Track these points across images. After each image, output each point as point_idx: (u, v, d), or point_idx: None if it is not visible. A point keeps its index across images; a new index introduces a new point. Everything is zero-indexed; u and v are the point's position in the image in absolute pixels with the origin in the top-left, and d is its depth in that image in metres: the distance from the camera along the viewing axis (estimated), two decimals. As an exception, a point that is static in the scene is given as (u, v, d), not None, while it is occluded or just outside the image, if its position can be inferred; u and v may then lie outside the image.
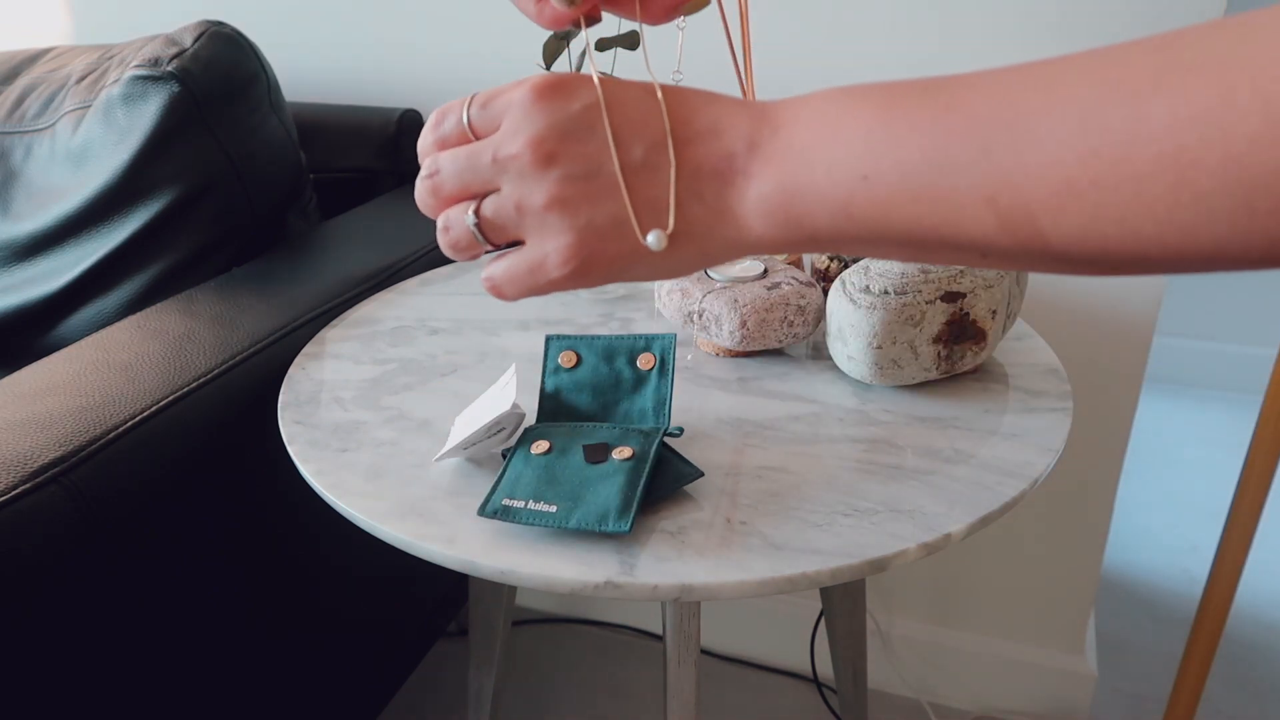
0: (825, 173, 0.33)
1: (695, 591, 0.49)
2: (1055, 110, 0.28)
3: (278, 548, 0.77)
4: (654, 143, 0.35)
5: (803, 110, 0.34)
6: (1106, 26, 0.88)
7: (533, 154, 0.35)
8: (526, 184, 0.36)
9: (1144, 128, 0.26)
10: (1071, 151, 0.27)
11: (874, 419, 0.64)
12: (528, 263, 0.37)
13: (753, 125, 0.34)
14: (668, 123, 0.35)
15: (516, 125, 0.36)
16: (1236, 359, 2.01)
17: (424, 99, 1.16)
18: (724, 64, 1.02)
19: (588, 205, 0.36)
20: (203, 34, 0.90)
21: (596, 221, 0.36)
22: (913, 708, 1.22)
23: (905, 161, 0.31)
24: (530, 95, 0.36)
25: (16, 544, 0.54)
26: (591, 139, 0.35)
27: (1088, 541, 1.10)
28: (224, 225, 0.92)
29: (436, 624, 1.04)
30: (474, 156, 0.37)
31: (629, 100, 0.36)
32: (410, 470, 0.59)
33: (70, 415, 0.62)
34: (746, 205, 0.34)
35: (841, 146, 0.32)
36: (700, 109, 0.36)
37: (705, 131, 0.35)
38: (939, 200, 0.31)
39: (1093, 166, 0.27)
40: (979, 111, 0.30)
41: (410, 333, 0.78)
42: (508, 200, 0.37)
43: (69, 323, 0.93)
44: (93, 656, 0.60)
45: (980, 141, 0.29)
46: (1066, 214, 0.28)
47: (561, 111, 0.35)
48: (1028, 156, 0.28)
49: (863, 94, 0.33)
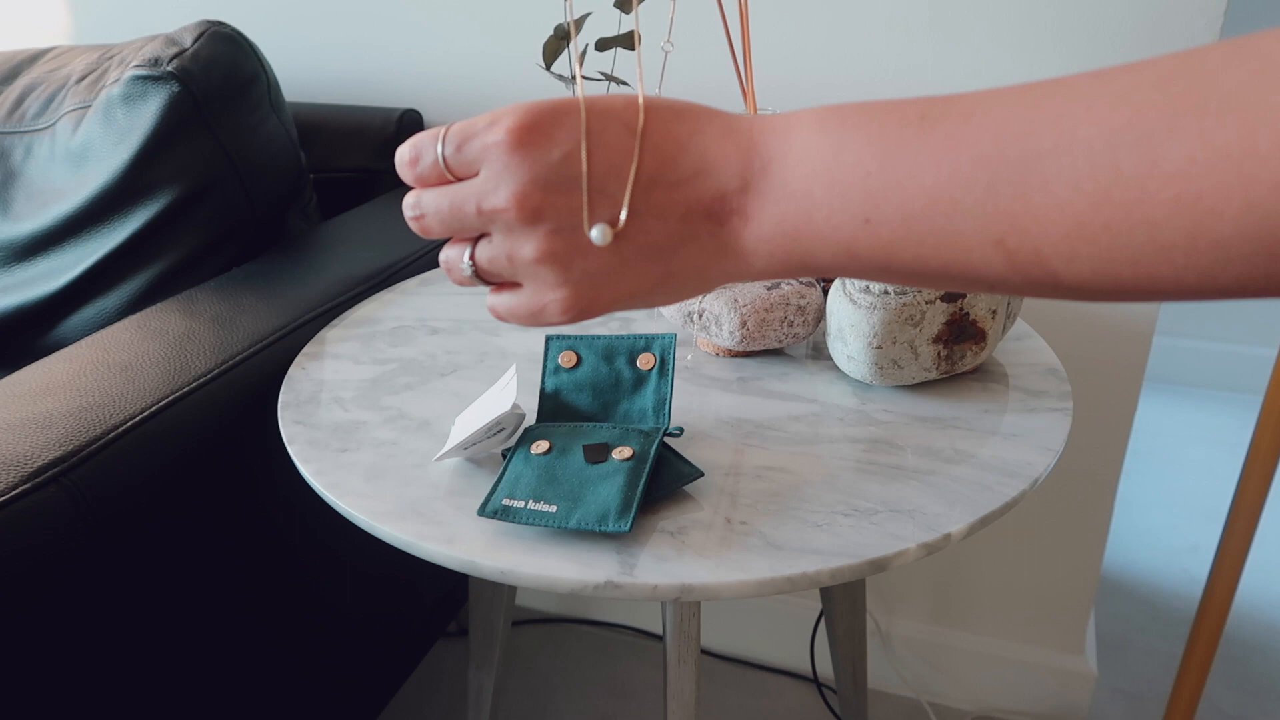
0: (825, 218, 0.32)
1: (695, 591, 0.49)
2: (1064, 151, 0.27)
3: (278, 548, 0.77)
4: (641, 188, 0.34)
5: (794, 143, 0.33)
6: (1105, 27, 0.88)
7: (518, 210, 0.35)
8: (515, 238, 0.36)
9: (1158, 171, 0.25)
10: (1082, 195, 0.26)
11: (874, 419, 0.64)
12: (528, 308, 0.37)
13: (741, 160, 0.33)
14: (652, 164, 0.34)
15: (497, 178, 0.35)
16: (1236, 359, 2.01)
17: (424, 99, 1.16)
18: (724, 64, 1.02)
19: (580, 257, 0.35)
20: (203, 34, 0.90)
21: (590, 271, 0.35)
22: (913, 708, 1.22)
23: (908, 204, 0.30)
24: (508, 144, 0.34)
25: (16, 544, 0.54)
26: (576, 189, 0.34)
27: (1088, 541, 1.10)
28: (224, 225, 0.92)
29: (436, 624, 1.04)
30: (457, 206, 0.36)
31: (610, 141, 0.34)
32: (410, 470, 0.59)
33: (70, 415, 0.62)
34: (745, 243, 0.34)
35: (839, 191, 0.31)
36: (686, 144, 0.34)
37: (693, 172, 0.34)
38: (945, 242, 0.30)
39: (1105, 210, 0.26)
40: (983, 150, 0.28)
41: (410, 333, 0.78)
42: (499, 252, 0.36)
43: (69, 323, 0.92)
44: (93, 656, 0.60)
45: (986, 183, 0.28)
46: (1079, 256, 0.27)
47: (541, 162, 0.34)
48: (1036, 199, 0.27)
49: (855, 125, 0.31)
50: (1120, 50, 0.88)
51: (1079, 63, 0.90)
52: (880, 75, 0.97)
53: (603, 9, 1.03)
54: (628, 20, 1.01)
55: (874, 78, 0.97)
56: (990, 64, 0.93)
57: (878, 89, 0.97)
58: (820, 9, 0.97)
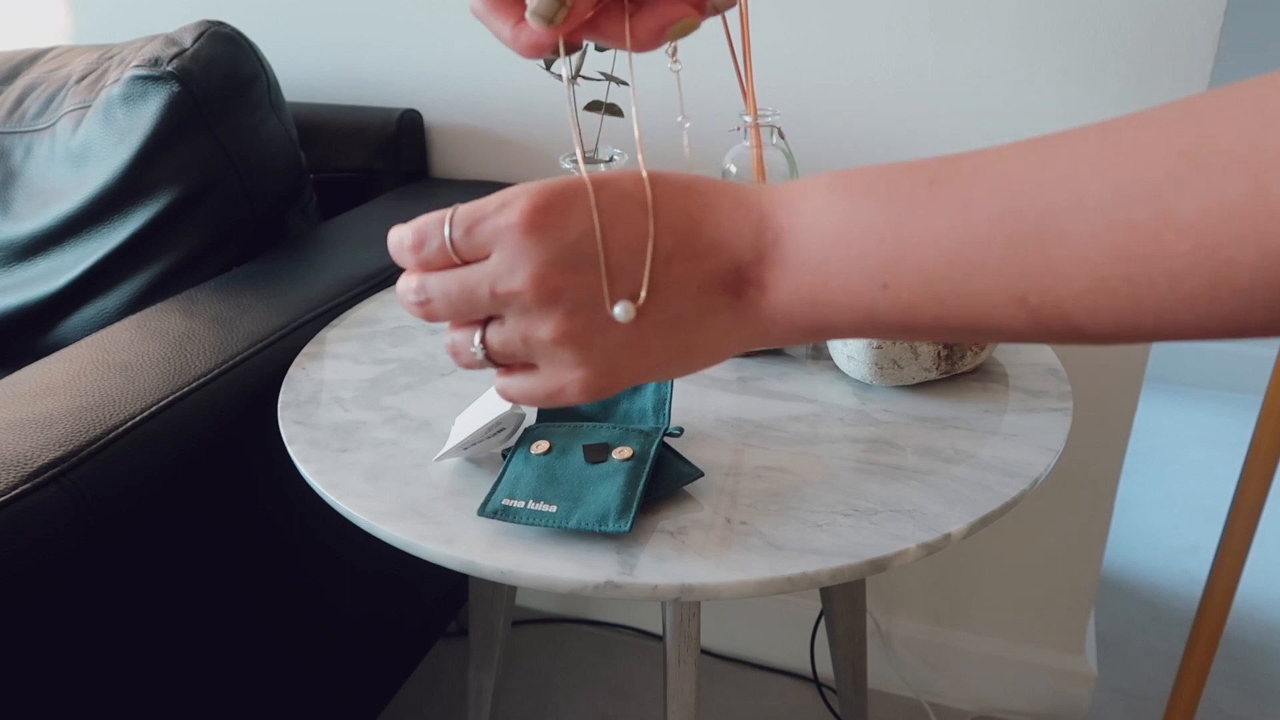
0: (842, 285, 0.32)
1: (695, 591, 0.49)
2: (1077, 207, 0.27)
3: (278, 548, 0.77)
4: (658, 263, 0.34)
5: (805, 212, 0.33)
6: (1105, 27, 0.88)
7: (536, 291, 0.34)
8: (531, 320, 0.35)
9: (1173, 224, 0.25)
10: (1100, 250, 0.27)
11: (874, 419, 0.64)
12: (545, 389, 0.36)
13: (754, 232, 0.33)
14: (669, 239, 0.34)
15: (512, 261, 0.34)
16: (1236, 359, 2.01)
17: (424, 99, 1.16)
18: (724, 64, 1.02)
19: (598, 335, 0.35)
20: (203, 34, 0.90)
21: (609, 349, 0.35)
22: (913, 708, 1.22)
23: (926, 267, 0.30)
24: (522, 226, 0.34)
25: (16, 544, 0.54)
26: (593, 268, 0.34)
27: (1088, 541, 1.10)
28: (224, 225, 0.92)
29: (436, 624, 1.04)
30: (468, 290, 0.35)
31: (625, 219, 0.34)
32: (410, 470, 0.59)
33: (70, 415, 0.62)
34: (764, 313, 0.34)
35: (855, 258, 0.31)
36: (699, 218, 0.34)
37: (708, 246, 0.34)
38: (966, 301, 0.30)
39: (1124, 264, 0.26)
40: (998, 208, 0.28)
41: (410, 333, 0.78)
42: (513, 334, 0.36)
43: (69, 323, 0.92)
44: (93, 656, 0.60)
45: (1004, 241, 0.28)
46: (1101, 309, 0.27)
47: (557, 244, 0.34)
48: (1055, 255, 0.27)
49: (865, 191, 0.32)
50: (1120, 50, 0.88)
51: (1079, 63, 0.90)
52: (880, 75, 0.97)
53: (603, 9, 1.03)
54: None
55: (874, 78, 0.97)
56: (990, 64, 0.93)
57: (878, 89, 0.97)
58: (820, 9, 0.97)
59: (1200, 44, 0.86)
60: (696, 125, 1.05)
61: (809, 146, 1.02)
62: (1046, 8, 0.89)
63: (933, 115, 0.97)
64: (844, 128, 1.00)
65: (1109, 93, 0.90)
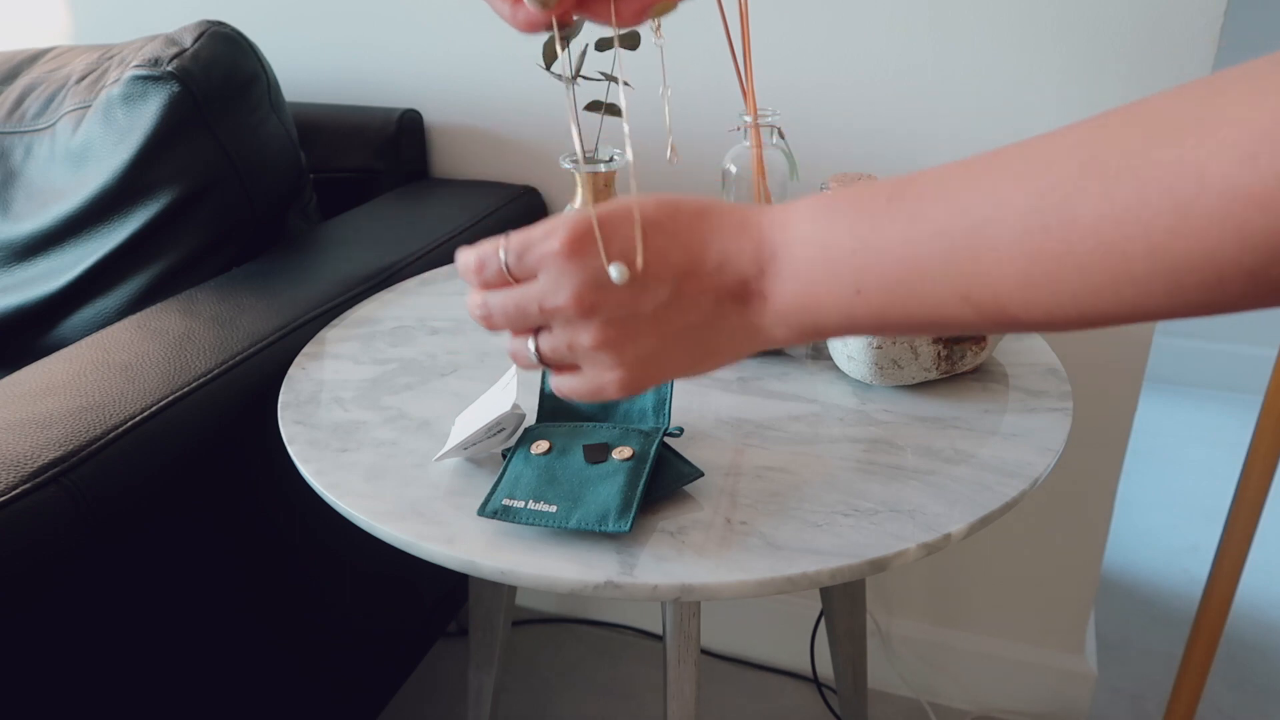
0: (825, 292, 0.38)
1: (695, 591, 0.49)
2: (1001, 218, 0.32)
3: (277, 548, 0.77)
4: (675, 279, 0.40)
5: (794, 233, 0.39)
6: (1105, 27, 0.88)
7: (576, 307, 0.41)
8: (574, 330, 0.42)
9: (1077, 227, 0.30)
10: (1022, 251, 0.32)
11: (874, 419, 0.64)
12: (589, 387, 0.44)
13: (755, 249, 0.39)
14: (685, 260, 0.41)
15: (556, 281, 0.41)
16: (1236, 359, 2.01)
17: (424, 99, 1.16)
18: (724, 64, 1.02)
19: (630, 342, 0.42)
20: (203, 34, 0.90)
21: (642, 353, 0.42)
22: (913, 708, 1.22)
23: (886, 275, 0.36)
24: (563, 252, 0.41)
25: (16, 544, 0.54)
26: (623, 286, 0.41)
27: (1088, 541, 1.10)
28: (224, 225, 0.92)
29: (436, 624, 1.04)
30: (522, 306, 0.43)
31: (649, 244, 0.41)
32: (410, 470, 0.59)
33: (70, 415, 0.62)
34: (767, 318, 0.40)
35: (831, 269, 0.37)
36: (709, 239, 0.40)
37: (718, 264, 0.40)
38: (922, 301, 0.35)
39: (1042, 262, 0.31)
40: (939, 224, 0.34)
41: (410, 333, 0.78)
42: (560, 341, 0.43)
43: (69, 323, 0.93)
44: (93, 656, 0.60)
45: (945, 250, 0.34)
46: (1031, 301, 0.32)
47: (592, 266, 0.41)
48: (987, 258, 0.33)
49: (839, 211, 0.37)
50: (1120, 50, 0.88)
51: (1079, 63, 0.90)
52: (880, 75, 0.97)
53: (603, 9, 1.03)
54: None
55: (874, 78, 0.97)
56: (990, 64, 0.93)
57: (878, 89, 0.97)
58: (820, 9, 0.97)
59: (1200, 44, 0.86)
60: (696, 125, 1.05)
61: (809, 146, 1.02)
62: (1046, 8, 0.89)
63: (933, 115, 0.97)
64: (844, 128, 1.00)
65: (1109, 93, 0.90)
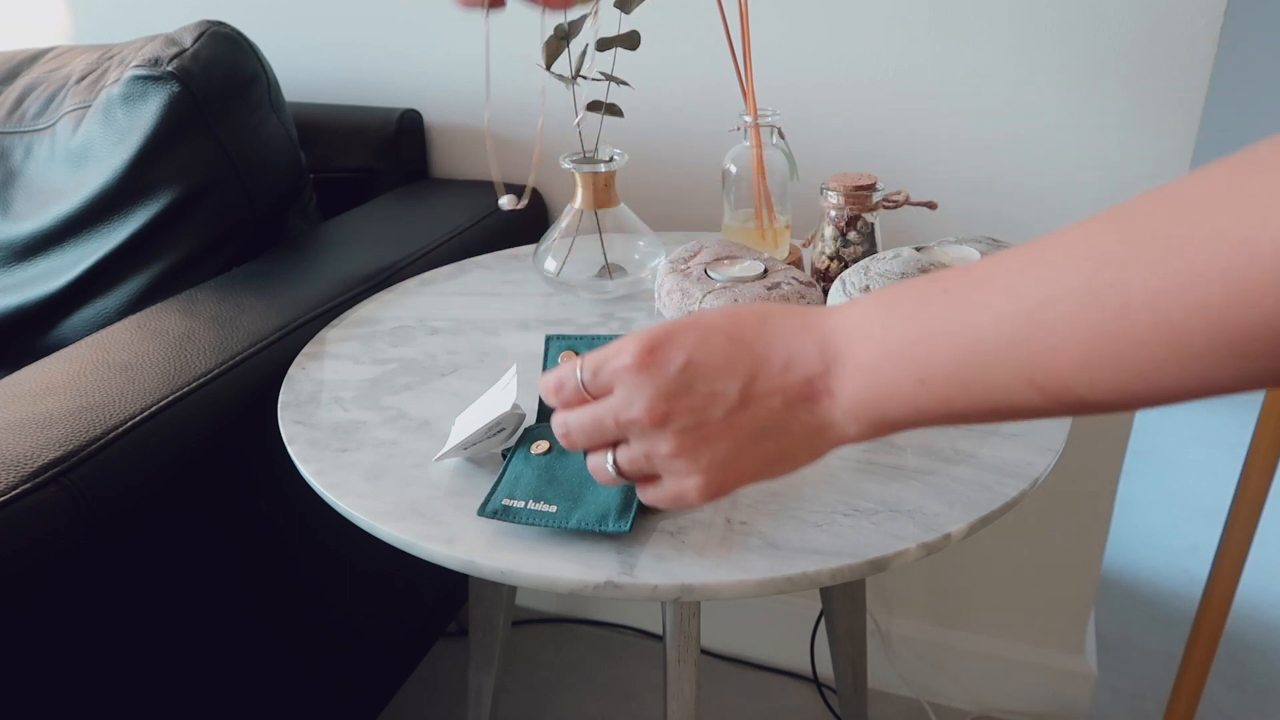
0: (890, 385, 0.38)
1: (695, 591, 0.49)
2: (1059, 299, 0.32)
3: (277, 548, 0.77)
4: (743, 383, 0.41)
5: (855, 331, 0.39)
6: (1105, 27, 0.88)
7: (649, 417, 0.42)
8: (650, 440, 0.43)
9: (1134, 303, 0.30)
10: (1079, 330, 0.32)
11: (874, 419, 0.63)
12: (670, 496, 0.44)
13: (818, 348, 0.40)
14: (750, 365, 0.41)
15: (629, 395, 0.43)
16: (1236, 359, 2.01)
17: (424, 99, 1.16)
18: (724, 64, 1.02)
19: (705, 447, 0.42)
20: (203, 34, 0.90)
21: (717, 458, 0.42)
22: (913, 708, 1.22)
23: (949, 364, 0.36)
24: (634, 366, 0.42)
25: (16, 544, 0.54)
26: (693, 394, 0.42)
27: (1088, 541, 1.10)
28: (224, 225, 0.92)
29: (436, 624, 1.04)
30: (599, 421, 0.44)
31: (715, 350, 0.42)
32: (410, 470, 0.59)
33: (70, 415, 0.62)
34: (836, 415, 0.40)
35: (894, 362, 0.38)
36: (774, 343, 0.41)
37: (783, 365, 0.41)
38: (988, 388, 0.35)
39: (1103, 340, 0.31)
40: (997, 308, 0.34)
41: (410, 333, 0.78)
42: (638, 453, 0.44)
43: (69, 323, 0.93)
44: (93, 656, 0.60)
45: (1005, 336, 0.34)
46: (1096, 382, 0.32)
47: (662, 377, 0.42)
48: (1048, 340, 0.32)
49: (897, 307, 0.38)
50: (1120, 50, 0.88)
51: (1079, 63, 0.90)
52: (880, 75, 0.97)
53: (603, 9, 1.03)
54: (628, 20, 1.01)
55: (874, 78, 0.97)
56: (990, 64, 0.93)
57: (878, 89, 0.97)
58: (820, 9, 0.97)
59: (1200, 44, 0.86)
60: (697, 125, 1.05)
61: (809, 146, 1.02)
62: (1046, 8, 0.89)
63: (933, 115, 0.97)
64: (844, 128, 1.00)
65: (1109, 93, 0.90)
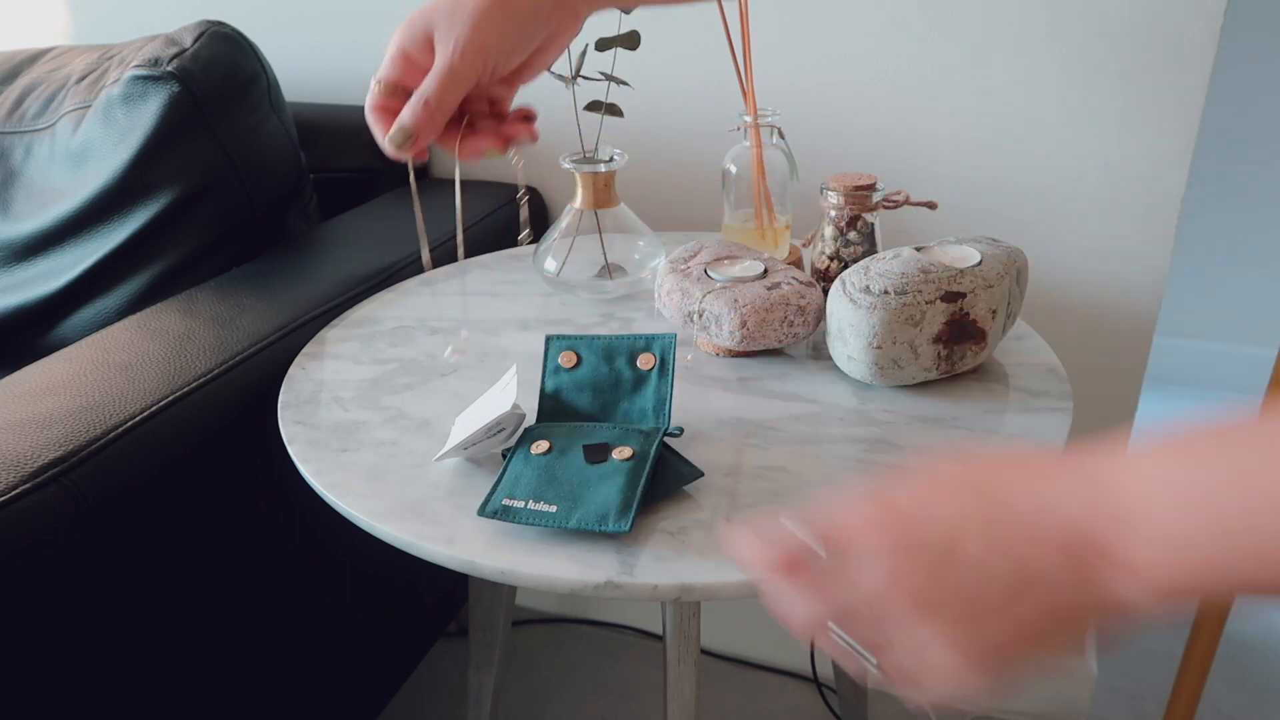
0: (1203, 555, 0.32)
1: (695, 591, 0.49)
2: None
3: (277, 548, 0.77)
4: (1016, 568, 0.35)
5: (1145, 481, 0.34)
6: (1104, 27, 0.88)
7: (914, 610, 0.36)
8: (917, 636, 0.36)
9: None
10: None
11: (874, 419, 0.64)
12: (945, 690, 0.37)
13: (1085, 492, 0.35)
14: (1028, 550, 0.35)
15: (886, 586, 0.36)
16: (1236, 359, 2.01)
17: (424, 99, 1.16)
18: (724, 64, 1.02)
19: (979, 629, 0.36)
20: (203, 34, 0.90)
21: (989, 640, 0.36)
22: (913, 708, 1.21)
23: (1262, 528, 0.31)
24: (886, 551, 0.36)
25: (16, 544, 0.54)
26: (962, 580, 0.35)
27: (1088, 541, 1.10)
28: (224, 225, 0.92)
29: (436, 624, 1.04)
30: (853, 613, 0.38)
31: (977, 532, 0.36)
32: (410, 470, 0.59)
33: (70, 415, 0.62)
34: (1135, 593, 0.34)
35: (1209, 529, 0.32)
36: (1028, 484, 0.36)
37: (1035, 508, 0.35)
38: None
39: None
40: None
41: (410, 333, 0.78)
42: (907, 656, 0.37)
43: (69, 323, 0.92)
44: (93, 656, 0.60)
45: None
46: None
47: (922, 560, 0.36)
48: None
49: (1189, 463, 0.33)
50: (1120, 50, 0.88)
51: (1079, 63, 0.90)
52: (880, 75, 0.97)
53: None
54: (628, 20, 1.01)
55: (874, 78, 0.97)
56: (990, 64, 0.93)
57: (878, 89, 0.97)
58: (820, 9, 0.97)
59: (1200, 44, 0.86)
60: (696, 125, 1.05)
61: (809, 146, 1.02)
62: (1046, 8, 0.89)
63: (933, 115, 0.97)
64: (844, 128, 1.00)
65: (1109, 93, 0.90)
